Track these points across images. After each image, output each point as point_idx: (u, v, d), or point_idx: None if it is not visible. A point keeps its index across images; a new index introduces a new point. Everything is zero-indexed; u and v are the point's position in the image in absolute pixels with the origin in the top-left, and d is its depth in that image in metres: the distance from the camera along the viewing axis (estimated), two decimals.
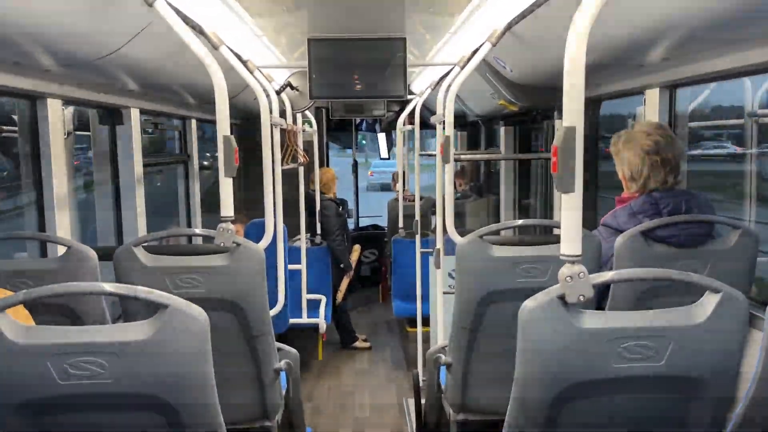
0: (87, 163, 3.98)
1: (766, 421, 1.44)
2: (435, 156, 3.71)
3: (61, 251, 2.33)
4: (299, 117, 5.11)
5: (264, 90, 3.07)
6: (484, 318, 2.41)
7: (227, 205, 2.26)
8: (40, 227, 2.85)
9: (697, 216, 2.14)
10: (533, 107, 4.33)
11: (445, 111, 3.12)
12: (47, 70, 2.52)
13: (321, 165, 6.50)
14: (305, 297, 5.44)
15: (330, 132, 8.54)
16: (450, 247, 3.09)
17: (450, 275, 3.93)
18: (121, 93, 3.37)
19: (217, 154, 2.28)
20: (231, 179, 2.27)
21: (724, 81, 2.58)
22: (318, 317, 5.56)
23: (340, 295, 6.15)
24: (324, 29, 3.58)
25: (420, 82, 6.22)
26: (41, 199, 2.84)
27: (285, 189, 3.64)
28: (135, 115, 3.57)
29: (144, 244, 2.30)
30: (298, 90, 4.33)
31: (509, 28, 2.71)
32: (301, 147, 5.16)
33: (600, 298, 2.20)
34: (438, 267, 3.68)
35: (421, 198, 5.16)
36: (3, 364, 1.38)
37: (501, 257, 2.33)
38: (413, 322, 5.16)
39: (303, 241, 5.42)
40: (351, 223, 8.79)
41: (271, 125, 3.23)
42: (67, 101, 2.95)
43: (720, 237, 2.19)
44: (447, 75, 3.52)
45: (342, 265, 6.13)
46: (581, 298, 1.37)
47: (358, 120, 8.95)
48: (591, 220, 3.46)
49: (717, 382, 1.46)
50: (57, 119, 2.81)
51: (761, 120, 3.40)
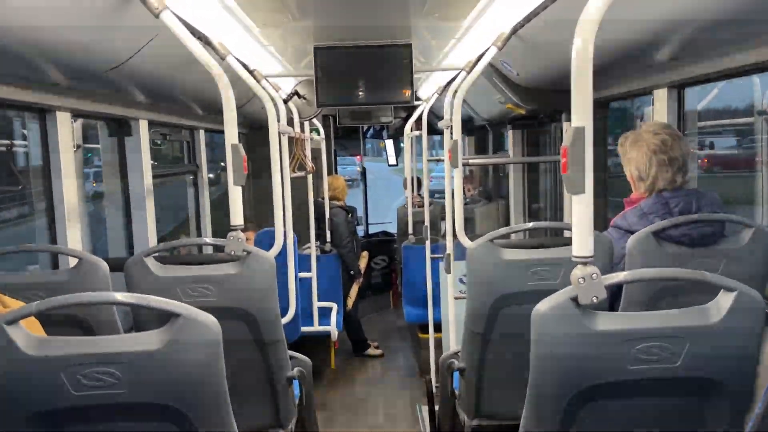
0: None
1: None
2: (443, 161, 3.70)
3: (73, 263, 2.34)
4: (307, 125, 5.12)
5: (271, 99, 3.08)
6: (496, 322, 2.40)
7: (237, 214, 2.26)
8: (51, 239, 2.87)
9: (710, 215, 2.12)
10: (541, 110, 4.32)
11: (453, 116, 3.11)
12: (56, 83, 2.53)
13: (329, 173, 6.50)
14: (316, 305, 5.43)
15: (338, 139, 8.55)
16: (460, 252, 3.08)
17: (461, 280, 3.92)
18: (130, 105, 3.39)
19: (225, 164, 2.28)
20: (240, 188, 2.27)
21: (733, 79, 2.56)
22: (329, 325, 5.55)
23: (350, 302, 6.14)
24: (330, 37, 3.59)
25: (426, 87, 6.22)
26: (52, 212, 2.85)
27: (294, 197, 3.65)
28: (144, 127, 3.59)
29: (155, 254, 2.30)
30: (305, 98, 4.34)
31: (515, 31, 2.71)
32: (309, 155, 5.17)
33: (612, 299, 2.18)
34: (448, 272, 3.67)
35: (431, 203, 5.15)
36: (17, 375, 1.38)
37: (512, 261, 2.32)
38: (425, 328, 5.14)
39: (313, 249, 5.42)
40: (360, 230, 8.79)
41: (279, 134, 3.23)
42: (76, 114, 2.97)
43: (732, 236, 2.17)
44: (453, 80, 3.52)
45: (352, 272, 6.12)
46: (594, 299, 1.36)
47: (365, 127, 8.96)
48: (601, 221, 3.44)
49: (734, 381, 1.44)
50: (66, 132, 2.83)
51: None
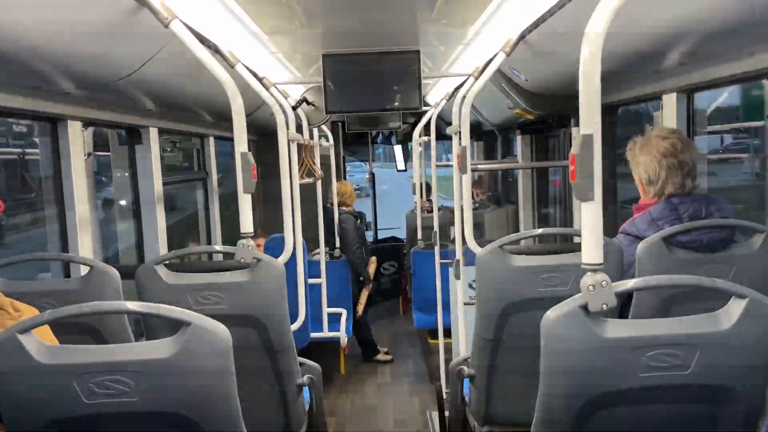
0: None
1: None
2: (452, 166, 3.70)
3: (84, 271, 2.36)
4: (315, 131, 5.13)
5: (280, 106, 3.09)
6: (506, 329, 2.40)
7: (246, 222, 2.27)
8: (63, 248, 2.88)
9: (720, 220, 2.11)
10: (549, 115, 4.32)
11: (461, 121, 3.12)
12: (67, 93, 2.55)
13: (338, 178, 6.51)
14: (326, 311, 5.44)
15: (346, 145, 8.57)
16: (470, 258, 3.08)
17: (470, 286, 3.92)
18: (140, 113, 3.41)
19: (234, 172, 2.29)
20: (249, 195, 2.28)
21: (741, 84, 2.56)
22: (339, 331, 5.55)
23: (360, 308, 6.14)
24: (338, 44, 3.60)
25: (435, 93, 6.23)
26: (64, 220, 2.87)
27: (303, 203, 3.66)
28: (154, 135, 3.61)
29: (165, 261, 2.32)
30: (313, 105, 4.35)
31: (523, 37, 2.71)
32: (318, 161, 5.18)
33: (622, 306, 2.18)
34: (458, 278, 3.66)
35: (440, 209, 5.15)
36: (30, 383, 1.40)
37: (521, 267, 2.31)
38: (435, 333, 5.13)
39: (322, 255, 5.42)
40: (369, 236, 8.79)
41: (288, 141, 3.25)
42: (87, 123, 2.99)
43: (742, 241, 2.16)
44: (462, 86, 3.52)
45: (362, 278, 6.12)
46: (604, 306, 1.36)
47: (374, 132, 8.97)
48: (611, 227, 3.43)
49: (746, 389, 1.43)
50: (77, 140, 2.85)
51: None
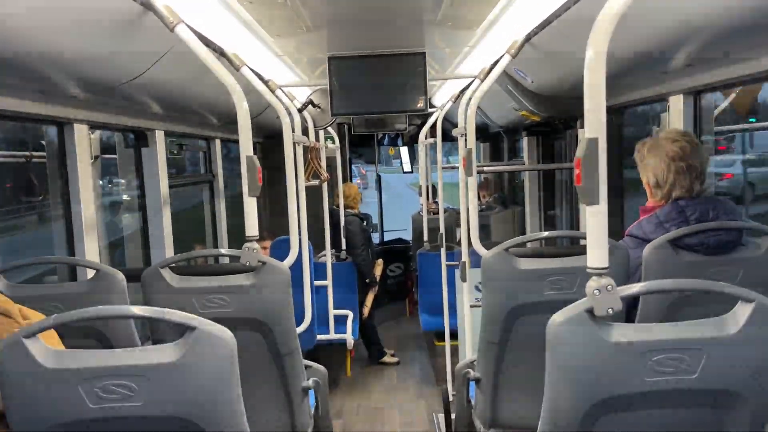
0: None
1: None
2: (458, 169, 3.70)
3: (90, 274, 2.37)
4: (321, 134, 5.13)
5: (286, 109, 3.09)
6: (512, 332, 2.39)
7: (252, 225, 2.27)
8: (69, 251, 2.89)
9: (727, 223, 2.10)
10: (555, 117, 4.31)
11: (467, 123, 3.11)
12: (73, 96, 2.56)
13: (344, 180, 6.52)
14: (332, 313, 5.44)
15: (352, 147, 8.57)
16: (476, 260, 3.07)
17: (477, 288, 3.91)
18: (146, 116, 3.42)
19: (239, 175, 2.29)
20: (255, 199, 2.28)
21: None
22: (345, 333, 5.55)
23: (366, 310, 6.14)
24: (344, 47, 3.61)
25: (441, 95, 6.23)
26: (70, 223, 2.88)
27: (309, 205, 3.66)
28: (160, 137, 3.62)
29: (171, 265, 2.32)
30: (319, 107, 4.35)
31: (529, 39, 2.70)
32: (324, 163, 5.18)
33: (629, 308, 2.17)
34: (464, 280, 3.65)
35: (446, 211, 5.14)
36: (35, 388, 1.40)
37: (527, 270, 2.30)
38: (441, 335, 5.12)
39: (328, 257, 5.43)
40: (375, 238, 8.79)
41: (294, 143, 3.25)
42: (94, 126, 3.00)
43: (750, 243, 2.15)
44: (467, 87, 3.52)
45: (368, 280, 6.12)
46: (610, 311, 1.35)
47: (380, 135, 8.98)
48: (617, 229, 3.42)
49: (753, 393, 1.42)
50: (84, 144, 2.86)
51: None
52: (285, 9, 2.62)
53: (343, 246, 6.02)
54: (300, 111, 4.01)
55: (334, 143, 6.18)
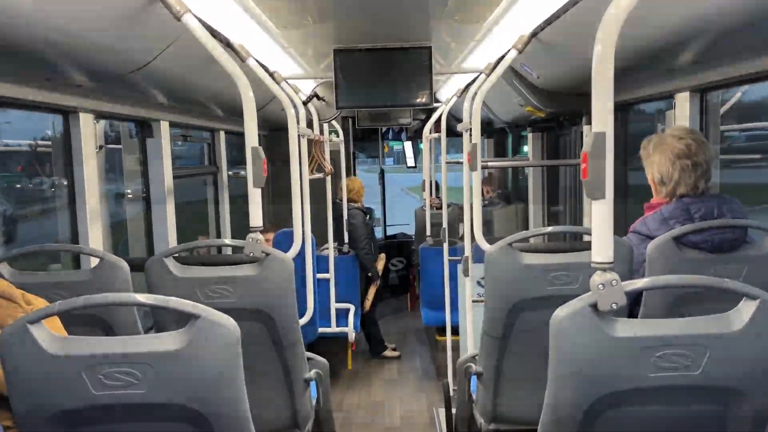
0: None
1: None
2: (462, 164, 3.70)
3: (94, 262, 2.37)
4: (326, 127, 5.13)
5: (291, 101, 3.09)
6: (514, 327, 2.39)
7: (256, 216, 2.27)
8: (73, 239, 2.90)
9: (731, 221, 2.10)
10: (561, 113, 4.30)
11: (472, 118, 3.11)
12: (79, 85, 2.56)
13: (348, 174, 6.52)
14: (334, 306, 5.45)
15: (356, 141, 8.57)
16: (478, 255, 3.07)
17: (479, 283, 3.91)
18: (151, 106, 3.42)
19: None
20: (259, 190, 2.28)
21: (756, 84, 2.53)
22: (347, 326, 5.56)
23: (368, 304, 6.15)
24: (350, 40, 3.60)
25: (446, 89, 6.22)
26: (74, 212, 2.88)
27: (312, 198, 3.66)
28: (165, 128, 3.63)
29: (175, 254, 2.32)
30: (324, 100, 4.35)
31: (535, 34, 2.70)
32: (328, 157, 5.18)
33: (632, 305, 2.17)
34: (467, 275, 3.66)
35: (449, 205, 5.14)
36: (39, 374, 1.40)
37: (531, 265, 2.30)
38: (443, 330, 5.13)
39: (331, 250, 5.43)
40: (378, 232, 8.79)
41: (299, 136, 3.25)
42: (99, 115, 3.01)
43: (754, 242, 2.14)
44: (473, 82, 3.51)
45: (370, 274, 6.13)
46: (614, 305, 1.35)
47: (384, 129, 8.97)
48: (621, 226, 3.41)
49: (756, 391, 1.42)
50: (89, 133, 2.86)
51: None
52: (291, 1, 2.62)
53: (346, 239, 6.03)
54: (305, 104, 4.01)
55: (338, 137, 6.18)
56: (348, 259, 6.03)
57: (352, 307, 5.78)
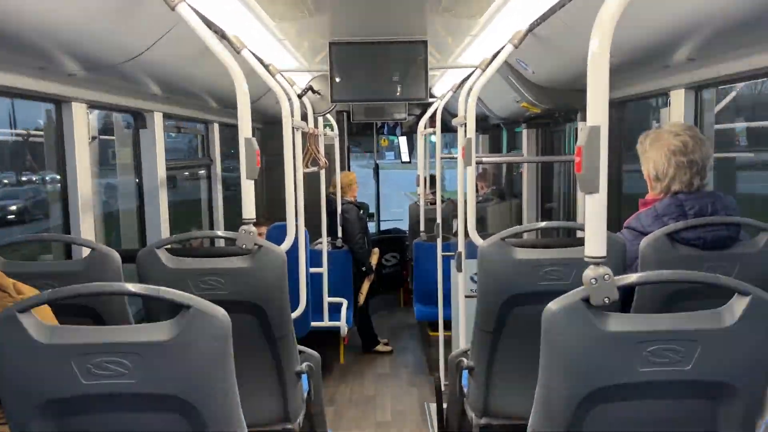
0: None
1: None
2: (456, 159, 3.69)
3: (86, 253, 2.36)
4: (320, 120, 5.12)
5: (286, 94, 3.08)
6: (506, 321, 2.39)
7: (249, 208, 2.26)
8: (65, 229, 2.88)
9: (725, 218, 2.10)
10: (556, 109, 4.30)
11: (467, 114, 3.10)
12: (72, 74, 2.55)
13: (342, 168, 6.51)
14: (327, 300, 5.44)
15: (351, 136, 8.55)
16: (472, 251, 3.07)
17: (472, 279, 3.91)
18: (145, 97, 3.40)
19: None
20: (252, 182, 2.27)
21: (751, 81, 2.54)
22: (339, 320, 5.56)
23: (361, 298, 6.15)
24: (345, 33, 3.59)
25: (441, 84, 6.21)
26: (66, 202, 2.87)
27: (306, 192, 3.65)
28: (158, 119, 3.61)
29: (167, 246, 2.31)
30: (319, 93, 4.34)
31: (531, 29, 2.69)
32: (323, 150, 5.17)
33: (624, 301, 2.17)
34: (460, 270, 3.66)
35: (443, 201, 5.14)
36: (28, 363, 1.39)
37: (524, 260, 2.30)
38: (435, 325, 5.13)
39: (324, 244, 5.42)
40: (372, 227, 8.78)
41: (293, 129, 3.23)
42: (92, 105, 2.99)
43: (747, 239, 2.15)
44: (468, 77, 3.51)
45: (364, 268, 6.13)
46: (606, 300, 1.35)
47: (379, 123, 8.95)
48: (615, 222, 3.42)
49: (746, 387, 1.42)
50: (81, 123, 2.85)
51: None
52: None
53: (340, 234, 6.02)
54: (300, 97, 3.99)
55: (333, 131, 6.16)
56: (341, 254, 6.02)
57: (345, 302, 5.78)
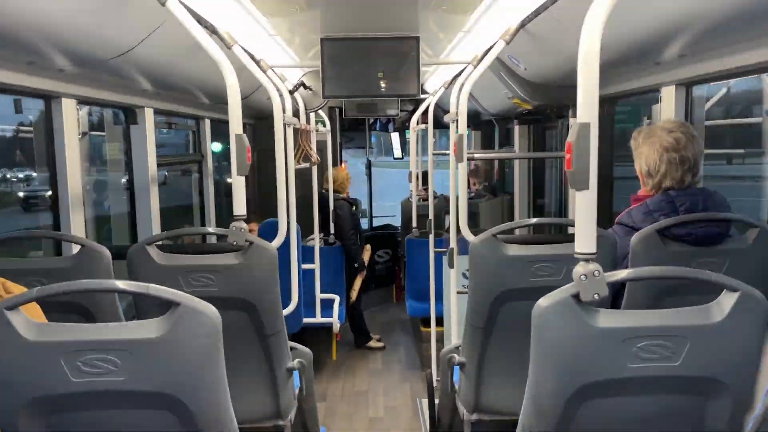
0: None
1: None
2: (448, 155, 3.69)
3: (76, 249, 2.35)
4: (312, 116, 5.11)
5: (277, 89, 3.07)
6: (497, 317, 2.40)
7: (240, 204, 2.26)
8: (55, 226, 2.87)
9: (715, 214, 2.11)
10: (547, 105, 4.30)
11: (459, 110, 3.10)
12: (61, 69, 2.53)
13: (334, 164, 6.50)
14: (319, 296, 5.44)
15: (343, 132, 8.54)
16: (464, 247, 3.08)
17: (464, 275, 3.92)
18: (135, 93, 3.38)
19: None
20: (243, 178, 2.27)
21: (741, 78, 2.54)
22: (332, 317, 5.56)
23: (353, 294, 6.15)
24: (337, 29, 3.58)
25: (433, 81, 6.21)
26: (56, 198, 2.85)
27: (298, 188, 3.64)
28: (149, 115, 3.59)
29: (157, 242, 2.30)
30: (311, 89, 4.33)
31: (523, 26, 2.69)
32: (315, 146, 5.16)
33: (615, 297, 2.17)
34: (452, 266, 3.66)
35: (435, 197, 5.15)
36: (16, 360, 1.38)
37: (515, 256, 2.31)
38: (427, 321, 5.14)
39: (317, 241, 5.42)
40: (365, 223, 8.77)
41: (285, 125, 3.22)
42: (82, 101, 2.97)
43: (737, 235, 2.16)
44: (460, 74, 3.51)
45: (356, 264, 6.13)
46: (596, 296, 1.35)
47: (371, 119, 8.94)
48: (605, 219, 3.43)
49: (735, 382, 1.43)
50: (71, 119, 2.83)
51: None
52: None
53: (332, 230, 6.02)
54: (291, 93, 3.98)
55: (324, 126, 6.15)
56: (333, 250, 6.02)
57: (337, 298, 5.78)
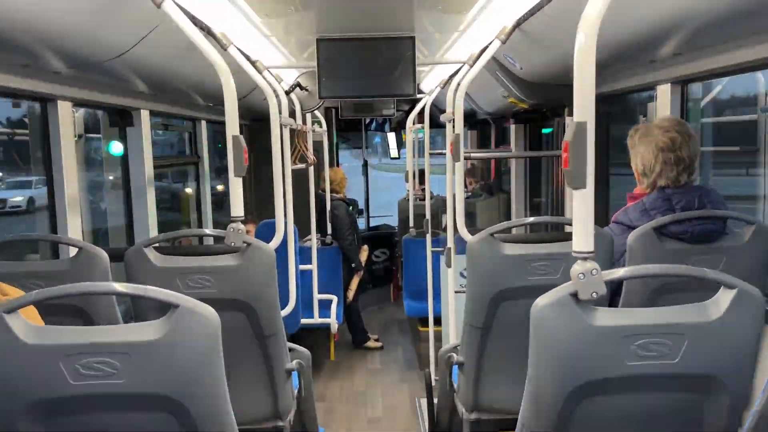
0: None
1: None
2: (445, 155, 3.69)
3: (73, 252, 2.34)
4: (309, 117, 5.11)
5: (273, 90, 3.06)
6: (495, 316, 2.40)
7: (237, 205, 2.25)
8: (51, 229, 2.86)
9: (711, 211, 2.11)
10: (543, 105, 4.31)
11: (455, 109, 3.10)
12: (57, 72, 2.52)
13: (331, 165, 6.51)
14: (316, 297, 5.44)
15: (340, 132, 8.54)
16: (461, 246, 3.08)
17: (461, 274, 3.92)
18: (131, 95, 3.38)
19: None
20: (240, 179, 2.26)
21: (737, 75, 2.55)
22: (329, 317, 5.56)
23: (351, 295, 6.15)
24: (333, 29, 3.57)
25: (429, 80, 6.21)
26: (53, 201, 2.85)
27: (295, 189, 3.64)
28: (145, 117, 3.59)
29: (155, 244, 2.30)
30: (307, 90, 4.32)
31: (519, 25, 2.70)
32: (311, 147, 5.16)
33: (612, 295, 2.18)
34: (449, 266, 3.66)
35: (432, 197, 5.15)
36: (15, 364, 1.38)
37: (512, 255, 2.31)
38: (425, 321, 5.15)
39: (314, 241, 5.42)
40: (362, 223, 8.78)
41: (281, 125, 3.22)
42: (78, 103, 2.96)
43: (733, 232, 2.16)
44: (456, 73, 3.51)
45: (353, 265, 6.13)
46: (594, 294, 1.36)
47: (368, 120, 8.94)
48: (602, 217, 3.43)
49: (733, 379, 1.44)
50: (67, 121, 2.82)
51: None
52: None
53: (329, 230, 6.02)
54: (287, 93, 3.98)
55: (321, 127, 6.15)
56: (331, 250, 6.02)
57: (334, 298, 5.78)
